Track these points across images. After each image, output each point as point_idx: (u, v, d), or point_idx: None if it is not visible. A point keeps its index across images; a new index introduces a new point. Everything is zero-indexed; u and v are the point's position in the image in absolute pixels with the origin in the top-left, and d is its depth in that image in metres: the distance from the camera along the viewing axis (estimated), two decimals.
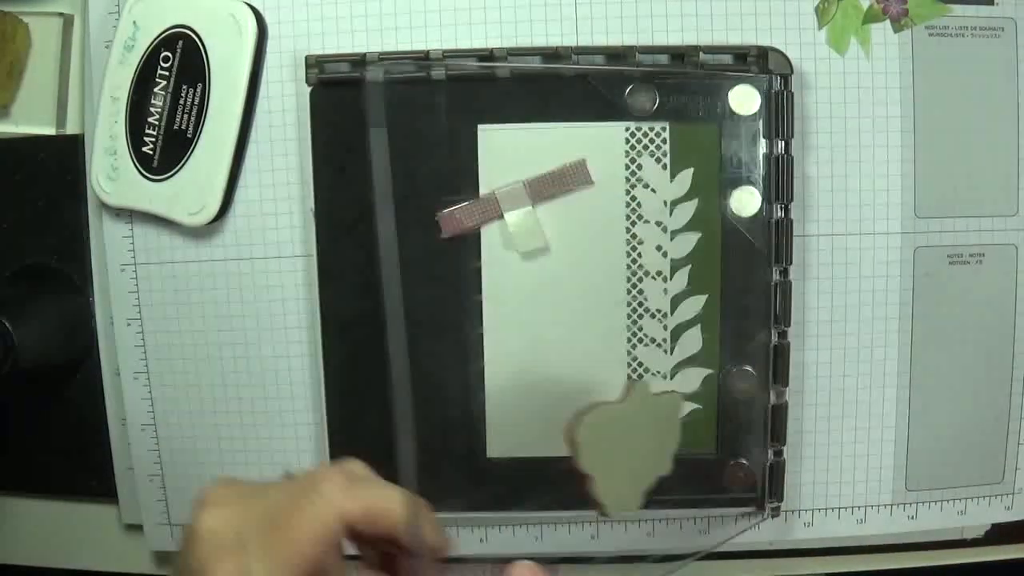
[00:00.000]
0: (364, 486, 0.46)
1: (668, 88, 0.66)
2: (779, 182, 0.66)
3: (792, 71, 0.67)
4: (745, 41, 0.68)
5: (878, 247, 0.69)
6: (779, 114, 0.66)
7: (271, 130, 0.70)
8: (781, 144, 0.66)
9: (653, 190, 0.67)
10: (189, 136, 0.68)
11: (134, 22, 0.68)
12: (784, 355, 0.68)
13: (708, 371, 0.69)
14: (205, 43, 0.67)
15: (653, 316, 0.68)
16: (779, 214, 0.67)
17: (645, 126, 0.67)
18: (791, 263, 0.67)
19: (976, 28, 0.69)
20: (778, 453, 0.69)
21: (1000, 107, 0.69)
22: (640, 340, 0.68)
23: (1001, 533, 0.74)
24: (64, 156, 0.73)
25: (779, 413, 0.68)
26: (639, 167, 0.67)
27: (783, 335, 0.68)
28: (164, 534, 0.74)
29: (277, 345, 0.71)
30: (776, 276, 0.67)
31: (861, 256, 0.69)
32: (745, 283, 0.68)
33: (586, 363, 0.69)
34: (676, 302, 0.68)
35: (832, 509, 0.72)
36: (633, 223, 0.68)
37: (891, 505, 0.72)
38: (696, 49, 0.67)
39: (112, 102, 0.68)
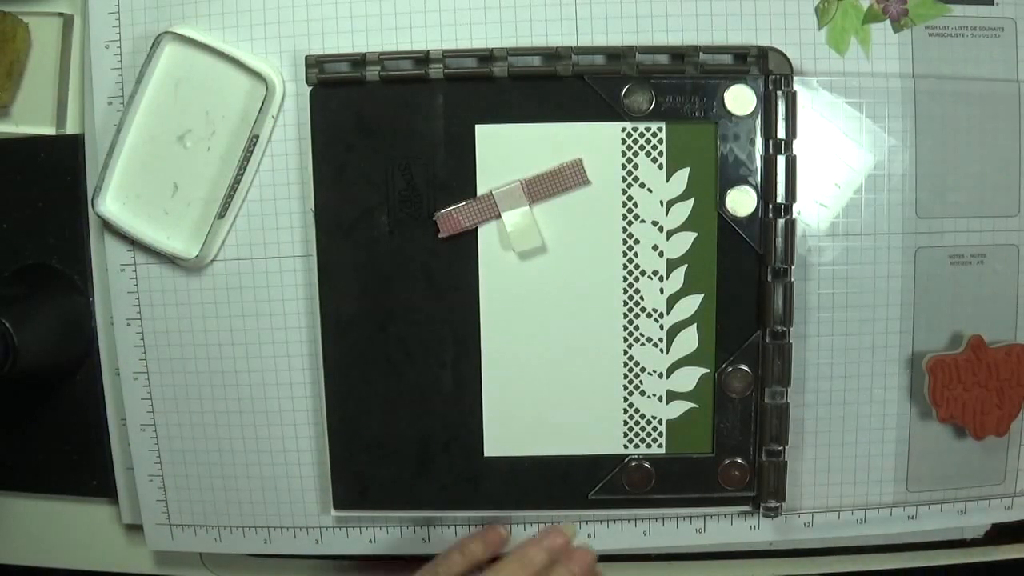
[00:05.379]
0: None
1: (664, 88, 0.66)
2: (780, 182, 0.66)
3: (792, 71, 0.67)
4: (745, 41, 0.68)
5: (879, 247, 0.69)
6: (779, 114, 0.66)
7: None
8: (781, 144, 0.66)
9: (649, 190, 0.67)
10: None
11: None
12: (785, 355, 0.68)
13: (704, 370, 0.69)
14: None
15: (649, 315, 0.68)
16: (781, 214, 0.66)
17: (641, 126, 0.67)
18: (793, 263, 0.67)
19: (976, 28, 0.69)
20: (779, 453, 0.69)
21: (1000, 107, 0.69)
22: (636, 339, 0.68)
23: (1001, 533, 0.74)
24: (64, 156, 0.73)
25: (780, 413, 0.68)
26: (635, 167, 0.67)
27: (784, 335, 0.68)
28: (164, 534, 0.74)
29: (277, 345, 0.71)
30: (776, 276, 0.67)
31: (862, 256, 0.69)
32: (741, 283, 0.68)
33: (582, 362, 0.69)
34: (672, 301, 0.68)
35: (832, 509, 0.71)
36: (629, 223, 0.68)
37: (891, 505, 0.71)
38: (696, 49, 0.66)
39: None
